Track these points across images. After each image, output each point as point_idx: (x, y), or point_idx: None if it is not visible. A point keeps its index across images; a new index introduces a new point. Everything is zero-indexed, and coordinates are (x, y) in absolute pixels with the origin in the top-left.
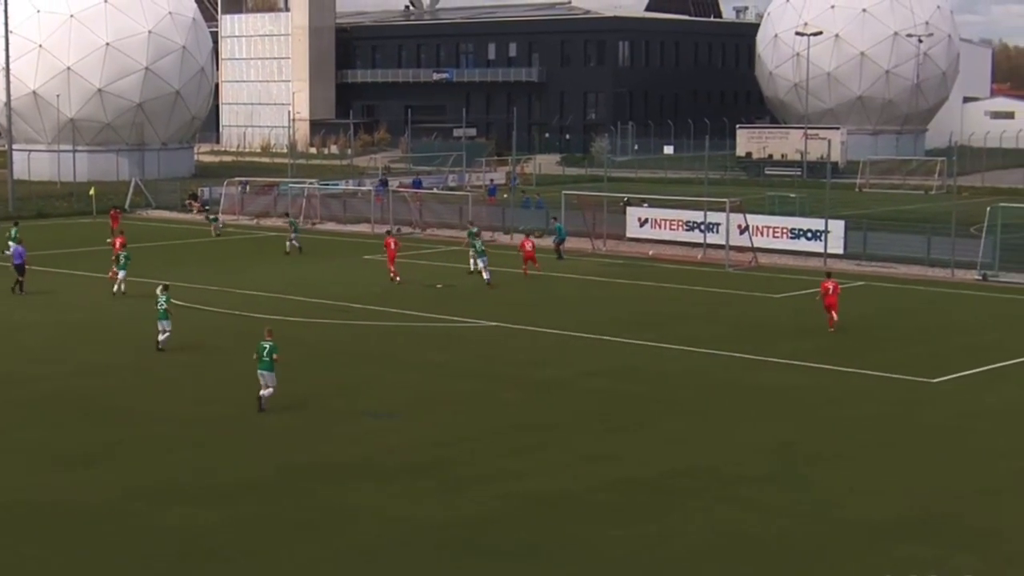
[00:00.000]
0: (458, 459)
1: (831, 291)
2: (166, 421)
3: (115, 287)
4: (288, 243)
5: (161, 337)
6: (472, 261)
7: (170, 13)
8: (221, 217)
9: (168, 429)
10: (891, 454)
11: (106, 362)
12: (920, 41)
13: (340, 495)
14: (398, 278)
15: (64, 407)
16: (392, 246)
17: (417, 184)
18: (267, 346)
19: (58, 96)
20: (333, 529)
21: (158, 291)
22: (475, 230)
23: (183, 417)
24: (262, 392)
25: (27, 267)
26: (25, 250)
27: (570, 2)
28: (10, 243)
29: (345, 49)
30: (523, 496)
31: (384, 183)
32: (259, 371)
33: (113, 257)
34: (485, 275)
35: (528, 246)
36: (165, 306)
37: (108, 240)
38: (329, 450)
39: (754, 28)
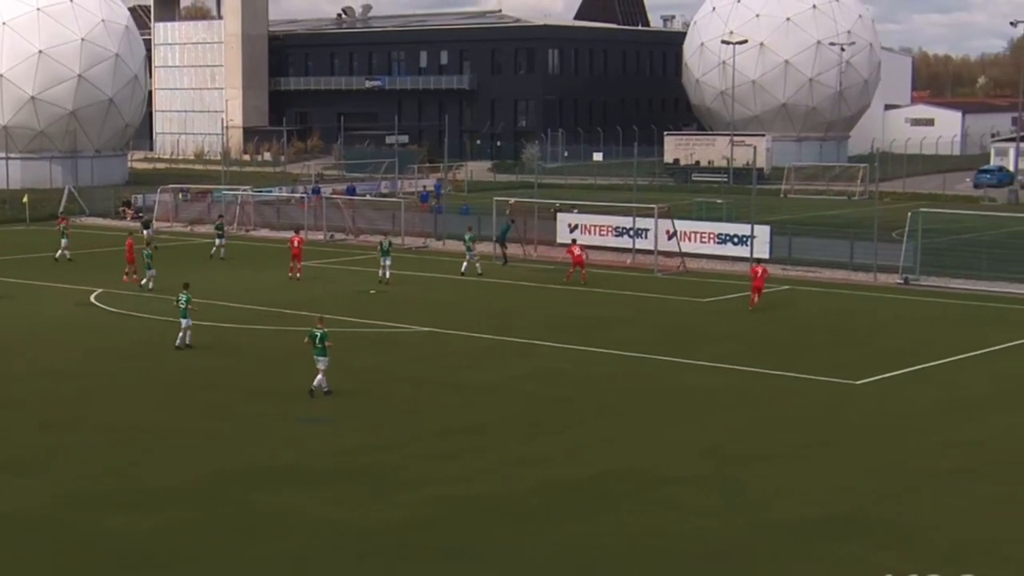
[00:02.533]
0: (389, 463)
1: (759, 275)
2: (102, 428)
3: (145, 282)
4: (214, 248)
5: (181, 334)
6: (465, 263)
7: (103, 21)
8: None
9: (104, 436)
10: (817, 455)
11: (42, 369)
12: (842, 50)
13: (273, 500)
14: (298, 275)
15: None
16: (296, 244)
17: (351, 191)
18: (318, 333)
19: None
20: (266, 534)
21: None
22: (470, 236)
23: (119, 424)
24: (318, 379)
25: None
26: None
27: (500, 11)
28: None
29: (278, 57)
30: (454, 499)
31: (316, 190)
32: (315, 356)
33: (129, 262)
34: (478, 268)
35: (576, 251)
36: (185, 305)
37: (60, 250)
38: (262, 455)
39: (681, 36)
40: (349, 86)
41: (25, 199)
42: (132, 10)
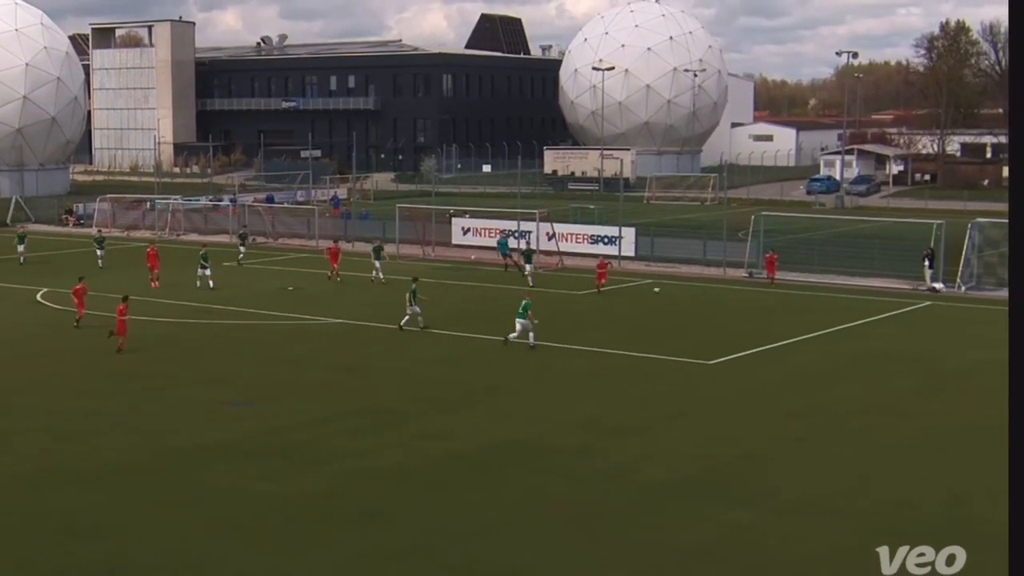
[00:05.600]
0: (307, 441)
1: (773, 261)
2: (49, 413)
3: (200, 283)
4: (241, 255)
5: (407, 317)
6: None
7: (45, 48)
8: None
9: (51, 420)
10: (678, 425)
11: None
12: (695, 75)
13: (206, 475)
14: (338, 278)
15: None
16: (333, 252)
17: (271, 200)
18: (524, 303)
19: None
20: (204, 503)
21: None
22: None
23: (65, 409)
24: (511, 335)
25: None
26: None
27: (401, 40)
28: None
29: (204, 80)
30: (365, 471)
31: (232, 200)
32: (516, 319)
33: (151, 269)
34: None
35: (602, 264)
36: (410, 295)
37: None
38: (195, 435)
39: (557, 63)
40: (268, 107)
41: None
42: (72, 38)
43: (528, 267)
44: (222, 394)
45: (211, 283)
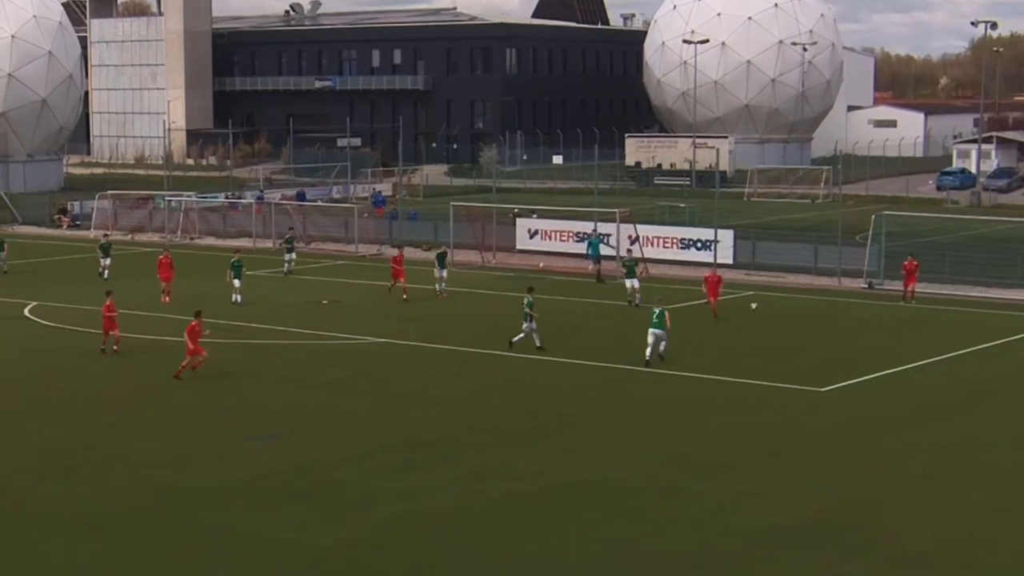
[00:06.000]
0: (346, 479)
1: (912, 269)
2: (42, 447)
3: (233, 297)
4: (286, 264)
5: (521, 335)
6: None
7: (35, 16)
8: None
9: (44, 455)
10: (782, 463)
11: None
12: (805, 49)
13: (224, 520)
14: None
15: None
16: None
17: (302, 197)
18: (657, 311)
19: None
20: (217, 556)
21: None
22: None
23: (61, 442)
24: (654, 347)
25: None
26: None
27: (455, 8)
28: None
29: (223, 56)
30: (413, 516)
31: (259, 197)
32: (651, 329)
33: (163, 285)
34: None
35: (713, 280)
36: (528, 308)
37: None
38: (210, 474)
39: (641, 35)
40: (298, 86)
41: None
42: (66, 6)
43: (633, 282)
44: (244, 426)
45: (238, 297)
